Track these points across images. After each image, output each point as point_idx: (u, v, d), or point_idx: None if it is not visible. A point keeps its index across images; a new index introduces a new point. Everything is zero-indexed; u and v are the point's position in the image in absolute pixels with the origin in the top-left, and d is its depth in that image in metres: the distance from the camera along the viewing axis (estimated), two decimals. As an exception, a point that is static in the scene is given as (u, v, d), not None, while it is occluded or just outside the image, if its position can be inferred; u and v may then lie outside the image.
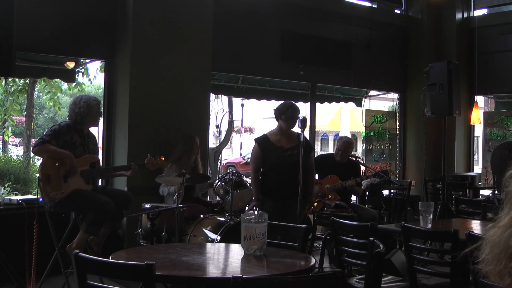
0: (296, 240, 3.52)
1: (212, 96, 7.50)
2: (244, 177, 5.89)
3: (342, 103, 9.43)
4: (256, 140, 5.57)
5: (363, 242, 3.65)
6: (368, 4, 8.97)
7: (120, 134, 6.34)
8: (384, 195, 7.34)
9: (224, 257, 3.44)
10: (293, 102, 5.64)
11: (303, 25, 8.13)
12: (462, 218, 5.53)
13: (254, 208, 5.15)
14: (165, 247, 3.93)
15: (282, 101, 5.80)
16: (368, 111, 9.23)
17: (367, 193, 7.42)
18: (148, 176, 5.59)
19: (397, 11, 9.53)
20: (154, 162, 5.11)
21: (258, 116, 23.82)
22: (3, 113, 10.06)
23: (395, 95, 9.76)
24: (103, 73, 6.77)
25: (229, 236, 4.81)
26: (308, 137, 8.02)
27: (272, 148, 5.36)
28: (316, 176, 6.58)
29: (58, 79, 8.40)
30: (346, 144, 6.63)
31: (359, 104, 9.33)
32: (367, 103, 9.32)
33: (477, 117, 9.14)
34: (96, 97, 5.16)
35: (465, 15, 9.51)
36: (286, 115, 5.38)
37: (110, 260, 2.82)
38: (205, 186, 6.26)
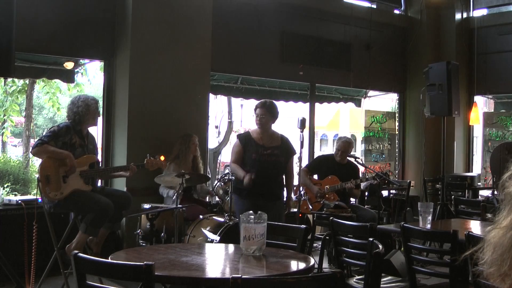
0: (295, 241, 3.52)
1: (212, 96, 7.50)
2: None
3: (341, 103, 9.43)
4: (238, 136, 5.54)
5: (362, 242, 3.65)
6: (367, 4, 8.98)
7: (120, 134, 6.35)
8: (384, 195, 7.34)
9: (223, 257, 3.44)
10: (264, 101, 5.42)
11: (302, 25, 8.13)
12: (462, 219, 5.53)
13: (249, 177, 5.05)
14: (164, 247, 3.93)
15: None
16: (367, 112, 9.23)
17: (366, 193, 7.42)
18: (148, 176, 5.59)
19: (396, 11, 9.53)
20: (153, 162, 5.12)
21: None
22: (2, 113, 10.05)
23: (394, 96, 9.76)
24: (102, 74, 6.77)
25: (228, 236, 4.82)
26: (307, 138, 8.04)
27: (253, 145, 5.26)
28: (316, 177, 6.60)
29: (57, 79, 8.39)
30: (345, 144, 6.63)
31: (358, 104, 9.33)
32: (367, 104, 9.32)
33: (476, 118, 9.14)
34: (94, 97, 5.16)
35: (464, 15, 9.51)
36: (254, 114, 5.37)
37: (109, 260, 2.82)
38: (203, 192, 6.25)
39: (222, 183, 5.64)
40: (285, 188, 5.43)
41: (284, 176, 5.38)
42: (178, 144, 6.01)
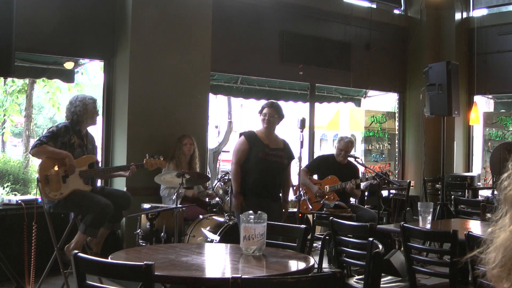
0: (295, 241, 3.52)
1: (212, 96, 7.49)
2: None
3: (341, 103, 9.43)
4: (244, 133, 5.33)
5: (362, 242, 3.65)
6: (367, 4, 8.98)
7: (119, 134, 6.35)
8: (383, 195, 7.34)
9: (223, 257, 3.44)
10: (272, 102, 5.37)
11: (302, 25, 8.13)
12: (461, 219, 5.54)
13: (239, 203, 4.99)
14: (164, 247, 3.93)
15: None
16: (367, 112, 9.23)
17: (366, 193, 7.42)
18: (148, 176, 5.59)
19: (396, 11, 9.54)
20: (152, 162, 5.12)
21: (257, 116, 23.78)
22: (2, 113, 10.05)
23: (394, 96, 9.77)
24: (102, 73, 6.77)
25: (228, 236, 4.82)
26: (307, 138, 8.04)
27: (260, 144, 5.15)
28: (315, 177, 6.60)
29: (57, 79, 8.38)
30: (349, 144, 6.61)
31: (358, 104, 9.33)
32: (366, 104, 9.32)
33: (476, 118, 9.15)
34: (92, 97, 5.14)
35: (464, 15, 9.51)
36: (260, 114, 5.27)
37: (109, 260, 2.82)
38: (203, 195, 6.25)
39: (222, 183, 5.63)
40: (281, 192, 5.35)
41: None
42: (174, 145, 6.05)
